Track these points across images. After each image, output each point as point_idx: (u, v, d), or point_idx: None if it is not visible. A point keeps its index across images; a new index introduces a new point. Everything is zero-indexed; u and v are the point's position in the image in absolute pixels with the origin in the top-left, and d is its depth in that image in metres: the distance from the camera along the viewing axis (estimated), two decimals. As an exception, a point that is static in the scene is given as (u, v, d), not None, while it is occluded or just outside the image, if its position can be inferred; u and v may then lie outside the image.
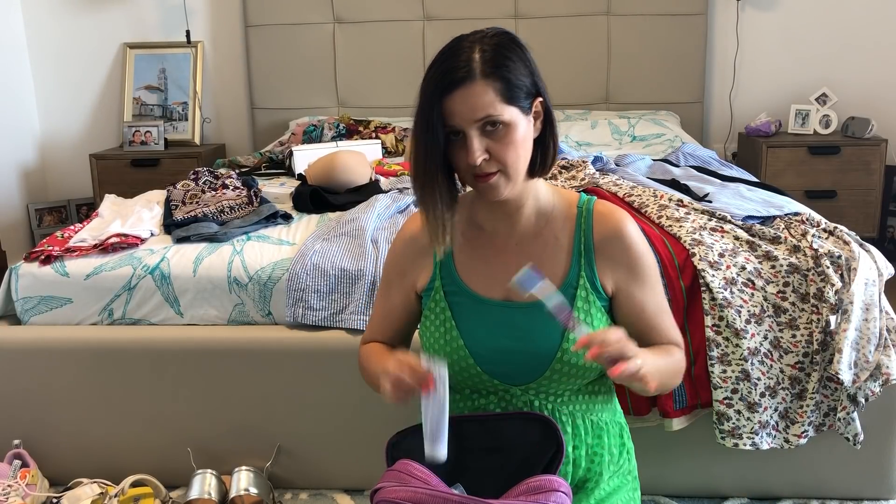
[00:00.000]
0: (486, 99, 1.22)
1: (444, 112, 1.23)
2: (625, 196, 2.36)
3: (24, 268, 2.26)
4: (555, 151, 1.34)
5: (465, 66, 1.22)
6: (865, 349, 1.94)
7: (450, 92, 1.22)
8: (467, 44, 1.25)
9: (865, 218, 3.79)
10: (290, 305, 2.15)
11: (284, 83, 4.24)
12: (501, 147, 1.25)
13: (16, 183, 4.24)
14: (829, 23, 4.03)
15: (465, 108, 1.23)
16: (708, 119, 4.19)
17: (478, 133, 1.24)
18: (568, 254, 1.35)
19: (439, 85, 1.23)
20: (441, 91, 1.23)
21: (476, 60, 1.23)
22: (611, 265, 1.35)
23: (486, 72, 1.22)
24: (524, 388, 1.36)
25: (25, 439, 2.23)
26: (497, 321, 1.34)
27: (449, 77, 1.22)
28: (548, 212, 1.37)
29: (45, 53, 4.36)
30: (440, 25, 4.11)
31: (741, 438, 1.94)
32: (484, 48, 1.24)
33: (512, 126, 1.25)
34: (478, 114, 1.23)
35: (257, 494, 2.07)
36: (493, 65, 1.23)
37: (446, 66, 1.23)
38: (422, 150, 1.26)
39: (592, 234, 1.35)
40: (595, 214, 1.36)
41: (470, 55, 1.23)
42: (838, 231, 2.11)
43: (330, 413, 2.16)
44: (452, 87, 1.22)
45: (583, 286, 1.34)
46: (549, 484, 1.21)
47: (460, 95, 1.22)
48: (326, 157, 2.89)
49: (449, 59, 1.24)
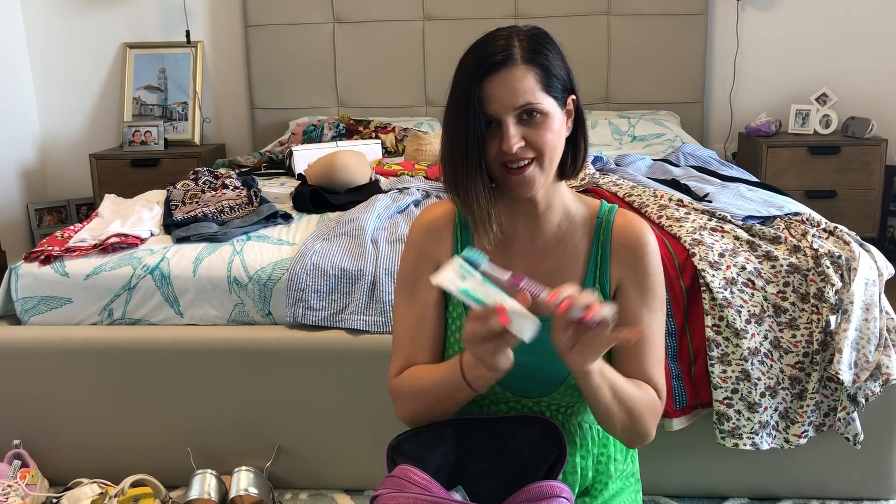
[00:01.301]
0: (527, 84, 1.20)
1: (484, 97, 1.20)
2: (625, 196, 2.36)
3: (24, 268, 2.26)
4: (585, 152, 1.31)
5: (505, 50, 1.20)
6: (865, 349, 1.94)
7: (489, 75, 1.19)
8: (503, 33, 1.23)
9: (865, 218, 3.79)
10: (290, 305, 2.15)
11: (284, 83, 4.24)
12: (538, 134, 1.22)
13: (16, 183, 4.24)
14: (829, 23, 4.03)
15: (504, 92, 1.19)
16: (708, 119, 4.19)
17: (514, 121, 1.21)
18: (584, 263, 1.32)
19: (479, 68, 1.19)
20: (481, 75, 1.20)
21: (515, 46, 1.21)
22: (619, 266, 1.31)
23: (527, 57, 1.20)
24: (536, 400, 1.34)
25: (25, 439, 2.23)
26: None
27: (489, 60, 1.19)
28: (570, 218, 1.34)
29: (45, 53, 4.36)
30: (440, 25, 4.11)
31: (741, 438, 1.94)
32: (521, 37, 1.22)
33: (549, 116, 1.22)
34: (518, 100, 1.20)
35: (257, 494, 2.07)
36: (533, 51, 1.21)
37: (485, 52, 1.20)
38: (462, 137, 1.22)
39: (610, 245, 1.32)
40: (615, 227, 1.32)
41: (509, 42, 1.21)
42: (838, 231, 2.11)
43: (330, 413, 2.16)
44: (492, 71, 1.19)
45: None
46: (551, 490, 1.20)
47: (500, 79, 1.19)
48: (326, 157, 2.89)
49: (487, 45, 1.21)
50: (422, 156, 3.37)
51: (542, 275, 1.31)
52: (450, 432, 1.30)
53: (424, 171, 3.11)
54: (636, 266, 1.31)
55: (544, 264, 1.33)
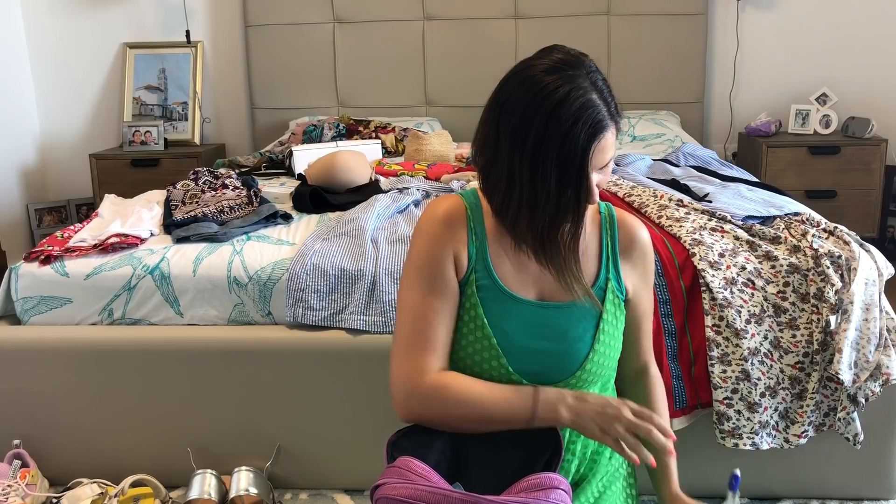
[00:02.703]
0: (614, 141, 1.27)
1: (592, 159, 1.23)
2: (625, 196, 2.36)
3: (24, 268, 2.26)
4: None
5: (604, 112, 1.23)
6: (865, 349, 1.94)
7: (600, 138, 1.23)
8: (584, 82, 1.23)
9: (865, 218, 3.80)
10: (290, 305, 2.15)
11: (284, 83, 4.24)
12: (604, 179, 1.30)
13: (16, 183, 4.24)
14: (829, 23, 4.04)
15: (602, 156, 1.24)
16: (708, 119, 4.19)
17: (596, 173, 1.27)
18: (597, 258, 1.39)
19: (588, 138, 1.21)
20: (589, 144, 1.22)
21: (608, 103, 1.25)
22: (631, 269, 1.41)
23: (614, 114, 1.26)
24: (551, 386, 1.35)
25: (25, 439, 2.23)
26: (531, 320, 1.33)
27: (597, 126, 1.22)
28: None
29: (45, 53, 4.36)
30: (440, 25, 4.11)
31: (741, 438, 1.94)
32: (595, 86, 1.25)
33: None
34: (608, 157, 1.26)
35: (257, 494, 2.07)
36: (610, 104, 1.26)
37: (589, 116, 1.21)
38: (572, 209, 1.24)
39: (618, 239, 1.40)
40: (619, 222, 1.42)
41: (594, 101, 1.23)
42: (838, 231, 2.11)
43: (330, 413, 2.16)
44: (601, 133, 1.23)
45: (611, 289, 1.38)
46: (549, 481, 1.22)
47: (601, 146, 1.23)
48: (326, 157, 2.89)
49: (586, 107, 1.21)
50: (422, 156, 3.37)
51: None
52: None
53: (424, 171, 3.11)
54: (644, 266, 1.43)
55: None
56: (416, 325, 1.31)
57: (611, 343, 1.37)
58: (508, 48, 4.01)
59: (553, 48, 1.28)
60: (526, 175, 1.22)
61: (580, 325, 1.34)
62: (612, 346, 1.37)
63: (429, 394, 1.28)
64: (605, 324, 1.36)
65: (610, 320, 1.37)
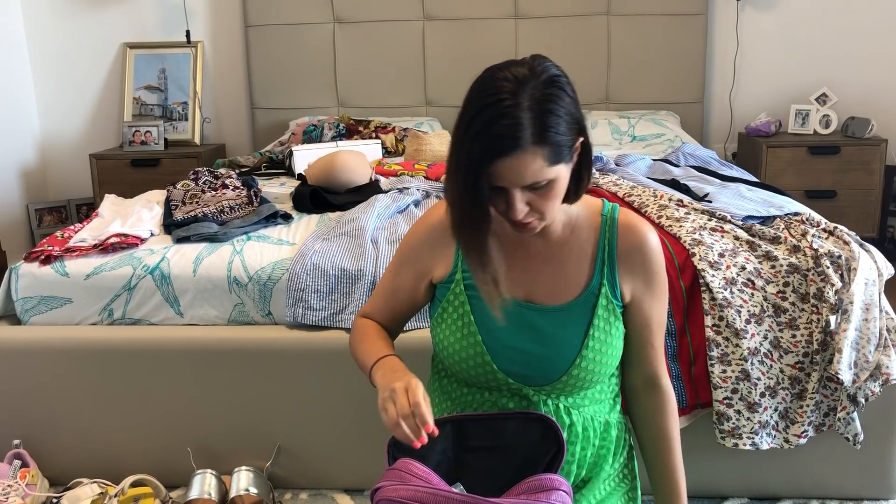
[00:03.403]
0: (534, 167, 1.18)
1: (490, 174, 1.20)
2: (625, 196, 2.36)
3: (24, 268, 2.26)
4: (588, 181, 1.32)
5: (513, 134, 1.16)
6: (865, 349, 1.94)
7: (497, 159, 1.17)
8: (511, 100, 1.17)
9: (865, 218, 3.80)
10: (290, 305, 2.15)
11: (284, 83, 4.24)
12: (543, 201, 1.23)
13: (16, 183, 4.24)
14: (829, 23, 4.04)
15: (511, 174, 1.18)
16: (708, 119, 4.19)
17: (521, 192, 1.22)
18: (592, 261, 1.35)
19: (486, 152, 1.17)
20: (488, 158, 1.18)
21: (525, 126, 1.16)
22: (631, 275, 1.36)
23: (536, 140, 1.17)
24: (537, 389, 1.35)
25: (25, 439, 2.23)
26: (517, 321, 1.34)
27: (497, 145, 1.16)
28: (573, 221, 1.37)
29: (45, 53, 4.36)
30: (440, 25, 4.11)
31: (741, 438, 1.94)
32: (533, 105, 1.17)
33: (555, 181, 1.22)
34: (524, 181, 1.19)
35: (257, 494, 2.07)
36: (543, 129, 1.17)
37: (493, 131, 1.16)
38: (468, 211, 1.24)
39: (617, 245, 1.35)
40: (620, 225, 1.36)
41: (517, 119, 1.16)
42: (838, 231, 2.11)
43: (330, 413, 2.16)
44: (500, 156, 1.17)
45: (604, 294, 1.34)
46: (550, 483, 1.22)
47: (508, 164, 1.17)
48: (326, 157, 2.89)
49: (495, 121, 1.16)
50: (422, 156, 3.37)
51: (550, 277, 1.35)
52: (449, 429, 1.31)
53: (424, 171, 3.11)
54: (646, 272, 1.36)
55: (551, 267, 1.36)
56: (379, 284, 1.50)
57: (602, 350, 1.34)
58: (508, 48, 4.01)
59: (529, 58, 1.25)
60: (450, 175, 1.26)
61: (568, 330, 1.32)
62: (603, 352, 1.34)
63: (353, 328, 1.49)
64: (595, 330, 1.33)
65: (601, 326, 1.34)
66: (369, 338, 1.41)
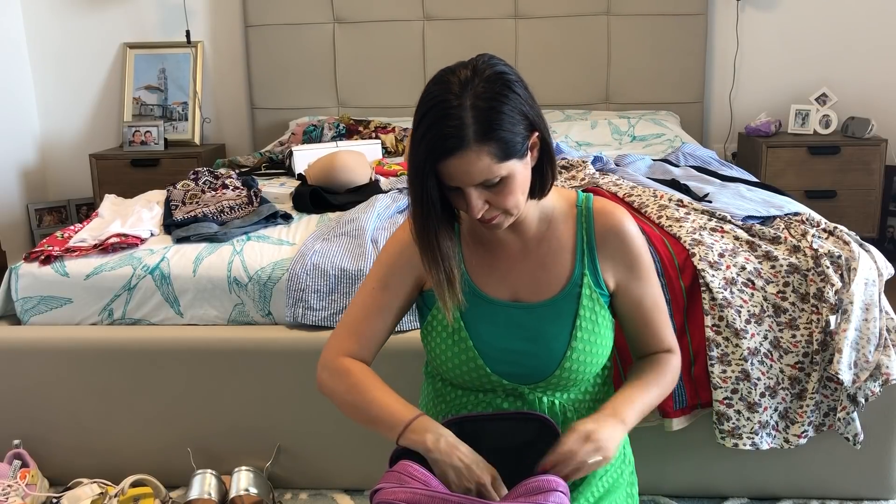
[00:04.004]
0: (481, 165, 1.19)
1: (441, 174, 1.22)
2: (625, 196, 2.36)
3: (24, 268, 2.26)
4: (553, 175, 1.32)
5: (457, 133, 1.17)
6: (865, 349, 1.94)
7: (443, 159, 1.19)
8: (455, 101, 1.19)
9: (865, 218, 3.80)
10: (290, 305, 2.15)
11: (284, 83, 4.24)
12: (500, 198, 1.24)
13: (16, 183, 4.24)
14: (829, 23, 4.03)
15: (459, 173, 1.20)
16: (708, 119, 4.19)
17: (476, 190, 1.23)
18: (572, 253, 1.37)
19: (432, 153, 1.19)
20: (434, 159, 1.20)
21: (468, 125, 1.17)
22: (612, 262, 1.37)
23: (479, 137, 1.18)
24: (532, 387, 1.36)
25: (25, 439, 2.23)
26: (506, 321, 1.35)
27: (441, 146, 1.18)
28: (549, 215, 1.39)
29: (45, 53, 4.36)
30: (440, 25, 4.11)
31: (741, 438, 1.94)
32: (476, 104, 1.18)
33: (509, 177, 1.23)
34: (474, 179, 1.21)
35: (257, 494, 2.07)
36: (487, 127, 1.18)
37: (437, 133, 1.18)
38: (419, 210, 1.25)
39: (594, 232, 1.37)
40: (595, 213, 1.38)
41: (461, 118, 1.18)
42: (838, 231, 2.11)
43: (330, 413, 2.16)
44: (446, 156, 1.19)
45: (587, 284, 1.35)
46: (548, 484, 1.22)
47: (455, 163, 1.19)
48: (326, 157, 2.89)
49: (439, 122, 1.18)
50: (422, 156, 3.36)
51: (532, 273, 1.36)
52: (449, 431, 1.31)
53: (424, 171, 3.11)
54: (626, 256, 1.37)
55: (532, 263, 1.37)
56: (355, 311, 1.40)
57: (591, 340, 1.34)
58: (508, 48, 4.01)
59: (474, 58, 1.26)
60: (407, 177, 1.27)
61: (555, 324, 1.34)
62: (592, 342, 1.34)
63: (337, 371, 1.36)
64: (582, 321, 1.34)
65: (588, 317, 1.34)
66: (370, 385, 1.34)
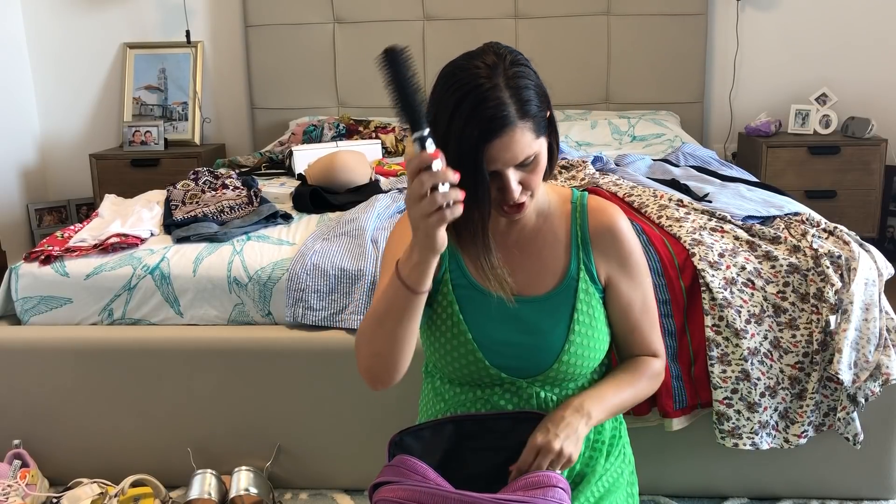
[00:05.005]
0: (524, 142, 1.22)
1: (486, 158, 1.22)
2: (625, 196, 2.36)
3: (24, 268, 2.26)
4: (557, 155, 1.35)
5: (501, 112, 1.19)
6: (865, 349, 1.94)
7: (493, 140, 1.20)
8: (489, 83, 1.20)
9: (865, 218, 3.80)
10: (290, 305, 2.15)
11: (284, 83, 4.24)
12: (533, 177, 1.27)
13: (16, 183, 4.24)
14: (829, 23, 4.03)
15: (507, 154, 1.22)
16: (708, 119, 4.19)
17: (513, 171, 1.25)
18: (566, 248, 1.38)
19: (482, 136, 1.19)
20: (483, 141, 1.20)
21: (509, 104, 1.20)
22: (604, 257, 1.38)
23: (521, 113, 1.21)
24: (530, 380, 1.37)
25: (25, 439, 2.23)
26: (504, 315, 1.35)
27: (487, 127, 1.19)
28: (545, 209, 1.40)
29: (45, 53, 4.36)
30: (440, 25, 4.11)
31: (741, 438, 1.94)
32: (510, 83, 1.21)
33: (539, 155, 1.26)
34: (517, 157, 1.23)
35: (257, 494, 2.07)
36: (523, 103, 1.21)
37: (481, 116, 1.19)
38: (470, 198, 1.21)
39: (588, 228, 1.38)
40: (590, 209, 1.39)
41: (500, 98, 1.20)
42: (838, 231, 2.11)
43: (330, 413, 2.16)
44: (494, 136, 1.20)
45: (583, 279, 1.37)
46: (547, 480, 1.22)
47: (503, 143, 1.21)
48: (326, 157, 2.89)
49: (480, 105, 1.19)
50: (422, 156, 3.36)
51: (529, 267, 1.37)
52: (449, 428, 1.32)
53: (424, 171, 3.11)
54: (619, 253, 1.38)
55: (528, 257, 1.38)
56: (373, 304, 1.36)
57: (589, 334, 1.35)
58: (508, 48, 4.01)
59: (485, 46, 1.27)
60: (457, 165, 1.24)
61: (553, 317, 1.35)
62: (590, 336, 1.36)
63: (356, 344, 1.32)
64: (579, 314, 1.35)
65: (585, 311, 1.36)
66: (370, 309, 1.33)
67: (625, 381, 1.40)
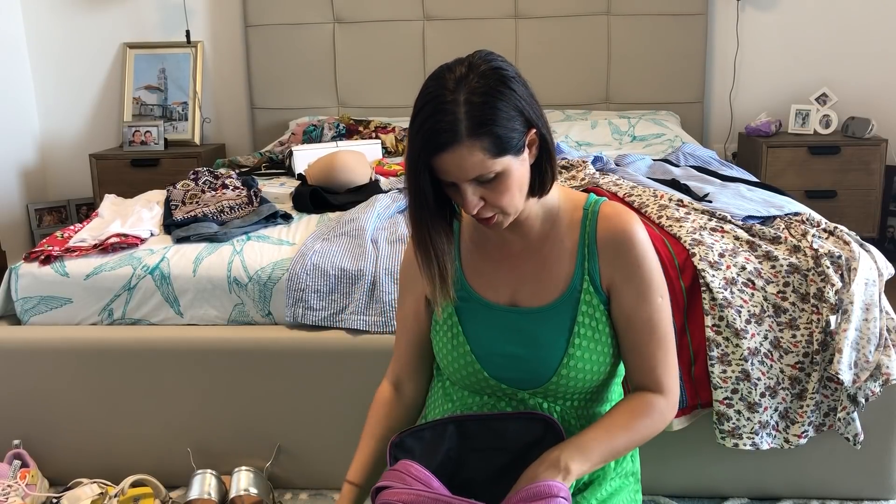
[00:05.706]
0: (474, 160, 1.18)
1: (435, 169, 1.21)
2: (625, 196, 2.36)
3: (24, 268, 2.26)
4: (553, 174, 1.29)
5: (450, 127, 1.16)
6: (865, 349, 1.94)
7: (437, 154, 1.18)
8: (450, 96, 1.17)
9: (865, 218, 3.80)
10: (290, 305, 2.15)
11: (284, 83, 4.24)
12: (496, 195, 1.22)
13: (16, 183, 4.24)
14: (829, 23, 4.03)
15: (453, 168, 1.19)
16: (708, 119, 4.19)
17: (471, 185, 1.21)
18: (572, 256, 1.32)
19: (425, 147, 1.19)
20: (428, 153, 1.19)
21: (461, 120, 1.16)
22: (610, 266, 1.31)
23: (472, 131, 1.16)
24: (532, 392, 1.35)
25: (25, 439, 2.23)
26: (503, 326, 1.34)
27: (434, 140, 1.17)
28: (553, 215, 1.35)
29: (45, 53, 4.36)
30: (440, 25, 4.11)
31: (741, 438, 1.94)
32: (470, 98, 1.17)
33: (505, 174, 1.21)
34: (468, 174, 1.19)
35: (257, 494, 2.07)
36: (480, 121, 1.17)
37: (431, 127, 1.17)
38: (413, 205, 1.25)
39: (596, 234, 1.31)
40: (601, 216, 1.32)
41: (455, 113, 1.17)
42: (838, 231, 2.11)
43: (330, 413, 2.16)
44: (439, 151, 1.18)
45: (586, 289, 1.31)
46: (549, 490, 1.20)
47: (448, 158, 1.18)
48: (326, 157, 2.89)
49: (432, 117, 1.18)
50: (422, 156, 3.36)
51: (533, 276, 1.34)
52: (451, 429, 1.31)
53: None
54: (624, 260, 1.30)
55: (530, 263, 1.35)
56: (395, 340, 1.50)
57: (590, 347, 1.31)
58: (508, 48, 4.01)
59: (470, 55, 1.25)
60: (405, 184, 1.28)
61: (553, 330, 1.31)
62: (591, 349, 1.31)
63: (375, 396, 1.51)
64: (580, 327, 1.30)
65: (587, 323, 1.31)
66: (365, 433, 1.48)
67: (618, 423, 1.29)
